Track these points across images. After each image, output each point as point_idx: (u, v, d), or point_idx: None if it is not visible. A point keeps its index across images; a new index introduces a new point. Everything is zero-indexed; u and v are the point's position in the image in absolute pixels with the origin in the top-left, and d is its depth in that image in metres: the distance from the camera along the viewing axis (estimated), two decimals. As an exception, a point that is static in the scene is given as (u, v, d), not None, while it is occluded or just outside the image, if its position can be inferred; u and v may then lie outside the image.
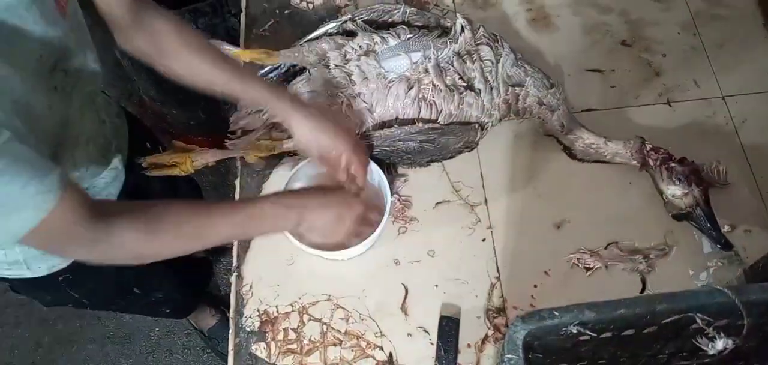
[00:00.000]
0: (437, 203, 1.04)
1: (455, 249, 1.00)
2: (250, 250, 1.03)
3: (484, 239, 1.01)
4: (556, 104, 1.03)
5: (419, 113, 1.00)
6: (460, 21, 1.03)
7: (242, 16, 1.30)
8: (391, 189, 1.00)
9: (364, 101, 1.01)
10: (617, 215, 1.01)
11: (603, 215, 1.01)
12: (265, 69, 1.13)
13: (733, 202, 0.99)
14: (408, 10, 1.12)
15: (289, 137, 1.03)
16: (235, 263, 1.02)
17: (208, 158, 1.01)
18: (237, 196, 1.09)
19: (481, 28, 1.03)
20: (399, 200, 1.04)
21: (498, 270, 0.98)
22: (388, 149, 1.00)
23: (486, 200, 1.04)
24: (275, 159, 1.07)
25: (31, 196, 0.64)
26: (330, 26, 1.12)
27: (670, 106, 1.10)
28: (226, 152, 1.04)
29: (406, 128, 0.99)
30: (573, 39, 1.19)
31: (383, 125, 1.00)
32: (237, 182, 1.10)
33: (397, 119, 1.01)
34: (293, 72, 1.11)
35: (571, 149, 1.05)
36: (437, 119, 1.00)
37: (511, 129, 1.09)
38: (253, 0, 1.31)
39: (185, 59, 0.89)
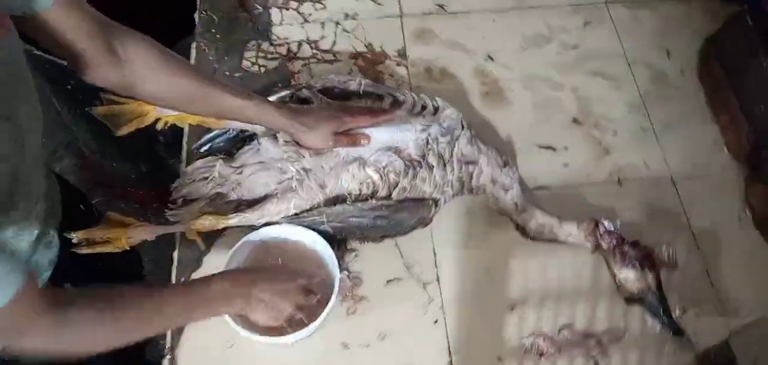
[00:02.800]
0: (389, 281, 1.00)
1: (407, 332, 0.95)
2: (186, 329, 0.95)
3: (436, 321, 0.96)
4: (510, 182, 1.01)
5: (373, 188, 0.96)
6: (444, 108, 1.03)
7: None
8: (340, 265, 0.95)
9: (315, 177, 0.96)
10: (571, 296, 0.99)
11: (557, 297, 0.98)
12: (212, 133, 1.08)
13: (684, 285, 0.98)
14: (363, 82, 1.10)
15: (236, 210, 0.97)
16: (167, 344, 0.95)
17: (145, 233, 0.94)
18: (174, 270, 1.01)
19: (449, 109, 1.02)
20: (348, 277, 0.99)
21: (450, 356, 0.93)
22: (339, 224, 0.96)
23: (438, 279, 1.00)
24: (216, 233, 1.01)
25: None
26: (283, 94, 1.09)
27: (621, 185, 1.10)
28: (165, 228, 0.97)
29: (360, 204, 0.95)
30: (525, 114, 1.18)
31: (335, 200, 0.96)
32: (175, 255, 1.03)
33: (350, 194, 0.97)
34: (242, 138, 1.07)
35: (524, 228, 1.03)
36: (391, 195, 0.96)
37: (465, 205, 1.06)
38: (202, 60, 1.26)
39: (167, 81, 0.87)
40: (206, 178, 1.04)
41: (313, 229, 0.95)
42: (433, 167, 0.98)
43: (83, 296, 0.74)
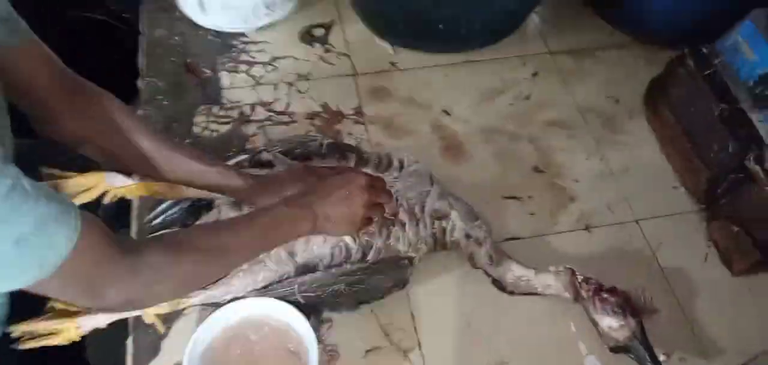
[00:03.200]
0: (368, 351, 0.93)
1: (390, 406, 0.89)
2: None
3: (420, 391, 0.91)
4: (483, 236, 0.98)
5: (346, 252, 0.91)
6: (410, 163, 0.99)
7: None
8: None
9: (282, 249, 0.90)
10: (554, 350, 0.96)
11: (540, 352, 0.95)
12: (165, 204, 1.00)
13: (663, 329, 0.97)
14: (326, 141, 1.05)
15: (197, 288, 0.89)
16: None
17: (97, 321, 0.83)
18: (129, 360, 0.91)
19: (415, 165, 0.98)
20: (325, 350, 0.92)
21: (439, 427, 0.88)
22: (312, 294, 0.89)
23: (420, 344, 0.95)
24: (176, 314, 0.92)
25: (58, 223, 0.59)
26: (240, 157, 1.02)
27: (589, 231, 1.10)
28: (121, 314, 0.87)
29: (334, 270, 0.89)
30: (486, 167, 1.18)
31: (306, 268, 0.90)
32: (129, 342, 0.92)
33: (322, 261, 0.91)
34: (198, 207, 0.99)
35: (501, 283, 1.00)
36: (366, 257, 0.91)
37: (439, 263, 1.02)
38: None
39: (127, 138, 0.82)
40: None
41: (285, 301, 0.88)
42: (405, 224, 0.94)
43: (152, 241, 0.79)
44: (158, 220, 1.00)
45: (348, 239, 0.91)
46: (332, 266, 0.90)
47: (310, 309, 0.91)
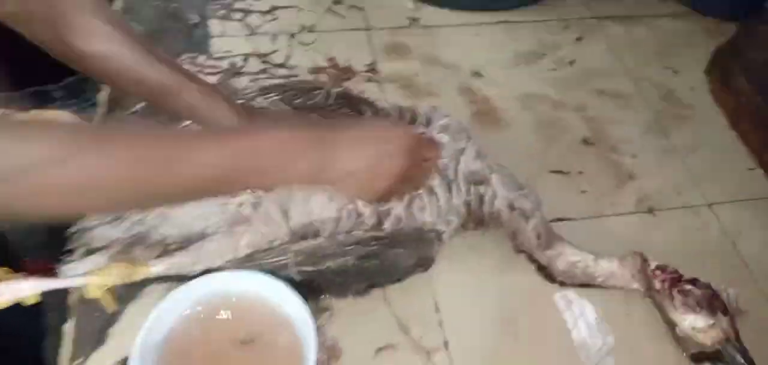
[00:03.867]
0: (379, 350, 0.71)
1: (409, 422, 0.67)
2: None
3: (449, 402, 0.68)
4: (531, 208, 0.77)
5: (356, 217, 0.69)
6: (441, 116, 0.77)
7: (102, 94, 0.95)
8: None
9: (276, 201, 0.68)
10: (619, 357, 0.74)
11: (604, 357, 0.73)
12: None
13: (753, 334, 0.75)
14: (334, 90, 0.85)
15: (159, 256, 0.67)
16: None
17: (22, 291, 0.61)
18: (63, 350, 0.69)
19: (447, 118, 0.77)
20: (323, 346, 0.70)
21: None
22: (311, 268, 0.67)
23: (446, 344, 0.73)
24: (132, 291, 0.70)
25: None
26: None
27: (654, 215, 0.88)
28: (54, 282, 0.65)
29: (340, 238, 0.67)
30: (527, 137, 0.97)
31: (303, 235, 0.68)
32: (67, 327, 0.70)
33: (324, 226, 0.69)
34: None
35: (549, 269, 0.78)
36: (383, 226, 0.69)
37: (469, 246, 0.80)
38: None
39: (110, 38, 0.62)
40: (118, 217, 0.73)
41: (274, 275, 0.66)
42: (434, 188, 0.72)
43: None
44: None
45: (360, 201, 0.69)
46: (338, 234, 0.68)
47: (306, 292, 0.69)
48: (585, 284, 0.77)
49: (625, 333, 0.76)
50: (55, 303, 0.72)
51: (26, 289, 0.61)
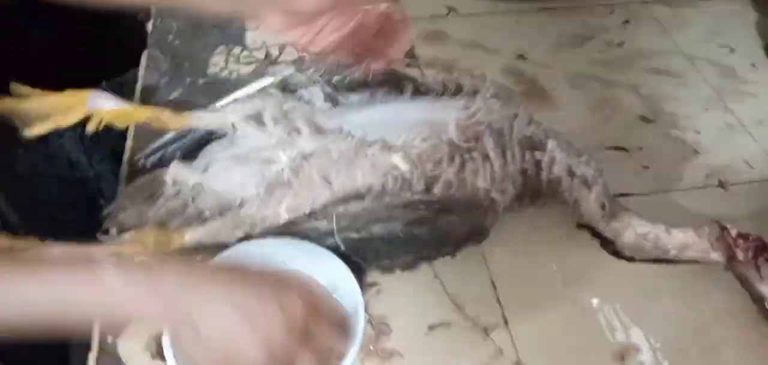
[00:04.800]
0: (431, 327, 0.64)
1: (469, 403, 0.59)
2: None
3: (512, 383, 0.60)
4: (593, 176, 0.70)
5: (401, 183, 0.63)
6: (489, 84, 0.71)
7: (138, 85, 0.92)
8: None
9: (317, 165, 0.62)
10: (698, 336, 0.65)
11: (679, 339, 0.65)
12: (165, 137, 0.74)
13: None
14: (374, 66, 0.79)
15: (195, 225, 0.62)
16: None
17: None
18: (96, 329, 0.63)
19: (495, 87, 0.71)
20: (370, 322, 0.63)
21: (543, 434, 0.57)
22: (356, 235, 0.61)
23: (506, 321, 0.65)
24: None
25: None
26: (267, 81, 0.77)
27: (725, 189, 0.80)
28: (86, 252, 0.60)
29: (387, 200, 0.61)
30: (580, 115, 0.90)
31: (347, 199, 0.62)
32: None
33: (370, 192, 0.63)
34: (203, 142, 0.73)
35: (615, 244, 0.70)
36: (432, 190, 0.63)
37: (525, 221, 0.73)
38: (150, 66, 0.94)
39: None
40: (153, 196, 0.69)
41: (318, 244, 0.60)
42: (488, 152, 0.66)
43: None
44: (155, 157, 0.74)
45: (404, 166, 0.63)
46: (385, 197, 0.62)
47: (351, 265, 0.63)
48: (656, 259, 0.69)
49: (706, 312, 0.67)
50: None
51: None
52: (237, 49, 0.99)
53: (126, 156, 0.78)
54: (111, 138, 0.83)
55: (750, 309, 0.66)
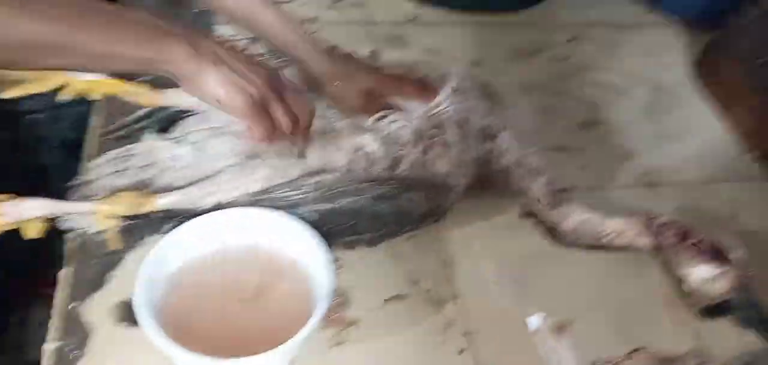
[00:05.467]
0: (387, 300, 0.68)
1: (421, 366, 0.63)
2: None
3: (461, 351, 0.65)
4: (539, 167, 0.76)
5: (370, 162, 0.67)
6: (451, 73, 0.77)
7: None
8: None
9: (287, 143, 0.66)
10: (629, 314, 0.72)
11: (612, 316, 0.71)
12: (136, 114, 0.76)
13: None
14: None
15: (165, 190, 0.64)
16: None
17: (22, 211, 0.58)
18: (58, 293, 0.64)
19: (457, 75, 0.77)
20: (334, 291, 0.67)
21: (488, 395, 0.62)
22: (323, 207, 0.64)
23: (455, 296, 0.70)
24: (132, 240, 0.67)
25: None
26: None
27: (654, 189, 0.88)
28: (61, 205, 0.62)
29: (356, 174, 0.65)
30: (527, 117, 0.97)
31: (318, 172, 0.66)
32: (62, 274, 0.66)
33: (337, 169, 0.67)
34: (179, 117, 0.75)
35: (556, 230, 0.76)
36: (397, 168, 0.67)
37: (476, 207, 0.79)
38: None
39: None
40: (121, 170, 0.70)
41: (289, 213, 0.64)
42: (449, 139, 0.71)
43: None
44: (121, 131, 0.76)
45: (374, 145, 0.67)
46: (353, 172, 0.66)
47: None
48: (593, 245, 0.76)
49: (635, 295, 0.74)
50: (50, 251, 0.68)
51: (31, 209, 0.57)
52: (206, 41, 1.01)
53: (89, 132, 0.79)
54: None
55: (674, 291, 0.73)
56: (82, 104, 0.78)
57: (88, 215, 0.61)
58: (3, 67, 0.63)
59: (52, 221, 0.62)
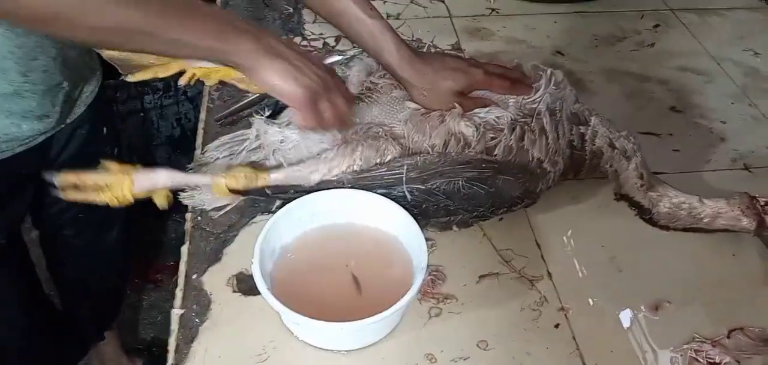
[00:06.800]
0: (482, 277, 0.70)
1: (518, 339, 0.64)
2: (197, 338, 0.62)
3: (557, 325, 0.66)
4: (632, 148, 0.75)
5: (465, 143, 0.69)
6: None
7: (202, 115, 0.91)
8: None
9: (387, 128, 0.69)
10: (726, 295, 0.70)
11: (709, 296, 0.69)
12: (246, 100, 0.81)
13: None
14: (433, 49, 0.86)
15: (276, 167, 0.68)
16: (170, 361, 0.61)
17: (156, 180, 0.63)
18: (182, 267, 0.70)
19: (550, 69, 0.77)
20: (427, 270, 0.69)
21: (586, 369, 0.62)
22: (423, 187, 0.67)
23: (550, 274, 0.70)
24: (243, 219, 0.71)
25: None
26: (336, 58, 0.84)
27: (750, 171, 0.85)
28: (186, 177, 0.67)
29: (452, 156, 0.67)
30: (615, 104, 0.95)
31: (414, 154, 0.68)
32: (184, 249, 0.71)
33: (432, 150, 0.69)
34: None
35: (651, 212, 0.75)
36: (494, 153, 0.68)
37: (567, 192, 0.79)
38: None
39: None
40: (235, 153, 0.75)
41: (388, 196, 0.67)
42: (544, 126, 0.71)
43: None
44: (234, 117, 0.81)
45: (468, 131, 0.69)
46: (448, 155, 0.68)
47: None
48: (689, 227, 0.74)
49: (732, 276, 0.72)
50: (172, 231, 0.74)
51: (160, 178, 0.63)
52: (297, 39, 1.06)
53: (202, 117, 0.85)
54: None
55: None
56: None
57: (208, 187, 0.66)
58: (94, 47, 0.70)
59: (175, 194, 0.67)
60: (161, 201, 0.64)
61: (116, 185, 0.61)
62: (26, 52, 0.76)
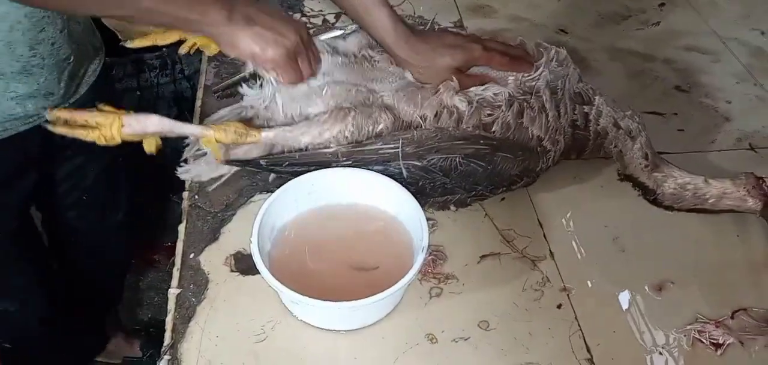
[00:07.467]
0: (483, 257, 0.69)
1: (520, 319, 0.63)
2: (194, 318, 0.61)
3: (560, 306, 0.65)
4: (637, 128, 0.74)
5: (458, 117, 0.67)
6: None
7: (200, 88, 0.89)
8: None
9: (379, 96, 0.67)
10: (730, 276, 0.69)
11: (713, 277, 0.68)
12: (241, 74, 0.79)
13: None
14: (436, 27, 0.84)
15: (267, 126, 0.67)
16: (167, 341, 0.61)
17: (146, 125, 0.62)
18: (179, 246, 0.69)
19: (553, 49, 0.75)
20: (428, 249, 0.68)
21: (588, 350, 0.61)
22: (419, 163, 0.65)
23: (552, 254, 0.69)
24: (240, 198, 0.70)
25: None
26: (337, 33, 0.81)
27: (755, 151, 0.83)
28: (177, 125, 0.65)
29: (451, 130, 0.65)
30: (618, 83, 0.94)
31: (408, 126, 0.66)
32: (181, 228, 0.70)
33: (424, 122, 0.67)
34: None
35: (655, 193, 0.74)
36: (491, 130, 0.67)
37: (570, 172, 0.78)
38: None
39: None
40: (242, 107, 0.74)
41: (385, 173, 0.65)
42: (544, 104, 0.70)
43: None
44: (229, 88, 0.79)
45: (462, 105, 0.68)
46: (448, 127, 0.66)
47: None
48: (694, 208, 0.73)
49: (736, 257, 0.71)
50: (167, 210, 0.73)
51: (151, 124, 0.62)
52: (297, 15, 1.04)
53: (201, 83, 0.84)
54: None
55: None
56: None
57: (199, 137, 0.65)
58: (68, 13, 0.72)
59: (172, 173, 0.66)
60: (150, 147, 0.63)
61: (106, 124, 0.61)
62: (34, 23, 0.74)
